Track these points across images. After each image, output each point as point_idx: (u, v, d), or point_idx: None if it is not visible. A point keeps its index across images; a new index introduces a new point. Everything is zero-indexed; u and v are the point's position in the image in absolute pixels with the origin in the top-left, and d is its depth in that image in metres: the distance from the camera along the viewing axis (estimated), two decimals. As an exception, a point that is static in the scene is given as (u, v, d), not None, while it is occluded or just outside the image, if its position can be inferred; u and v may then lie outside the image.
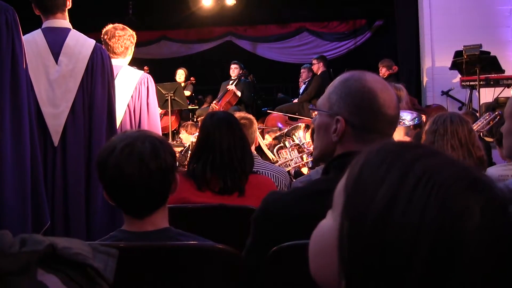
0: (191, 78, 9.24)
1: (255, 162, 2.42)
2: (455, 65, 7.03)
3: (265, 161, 3.25)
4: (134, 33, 3.50)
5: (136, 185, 1.49)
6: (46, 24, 2.77)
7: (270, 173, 2.72)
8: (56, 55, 2.70)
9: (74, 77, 2.69)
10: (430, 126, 2.67)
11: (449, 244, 0.57)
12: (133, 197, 1.51)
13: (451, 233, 0.57)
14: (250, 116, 2.99)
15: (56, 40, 2.72)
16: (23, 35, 2.73)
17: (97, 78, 2.73)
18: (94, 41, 2.85)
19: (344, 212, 0.65)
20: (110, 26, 3.45)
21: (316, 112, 1.51)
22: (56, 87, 2.66)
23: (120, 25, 3.48)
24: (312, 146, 3.66)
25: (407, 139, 3.80)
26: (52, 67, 2.68)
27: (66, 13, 2.80)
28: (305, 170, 4.34)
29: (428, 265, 0.57)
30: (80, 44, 2.75)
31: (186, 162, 3.48)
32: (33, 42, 2.70)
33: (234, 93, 8.30)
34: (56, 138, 2.64)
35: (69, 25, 2.79)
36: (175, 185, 1.59)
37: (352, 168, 0.68)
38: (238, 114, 2.84)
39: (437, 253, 0.57)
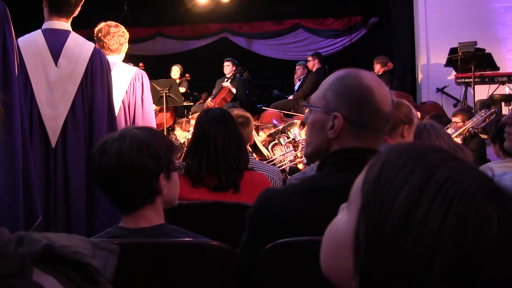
0: (186, 75, 9.24)
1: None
2: (450, 62, 7.04)
3: (259, 161, 3.24)
4: (125, 30, 3.50)
5: (117, 179, 1.51)
6: (47, 25, 2.73)
7: (263, 173, 2.71)
8: (55, 57, 2.68)
9: (73, 79, 2.67)
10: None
11: (469, 255, 0.56)
12: (117, 191, 1.54)
13: (471, 243, 0.56)
14: (248, 114, 2.98)
15: (56, 42, 2.70)
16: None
17: (97, 81, 2.72)
18: (93, 44, 2.83)
19: (362, 213, 0.63)
20: (102, 24, 3.44)
21: (307, 109, 1.50)
22: (55, 89, 2.64)
23: (113, 23, 3.47)
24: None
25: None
26: (52, 69, 2.66)
27: (70, 20, 2.78)
28: (301, 166, 4.34)
29: (446, 275, 0.56)
30: (80, 47, 2.73)
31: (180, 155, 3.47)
32: (34, 43, 2.68)
33: (229, 90, 8.30)
34: (53, 140, 2.63)
35: (70, 29, 2.77)
36: (172, 183, 1.58)
37: (370, 168, 0.66)
38: (236, 112, 2.83)
39: (456, 263, 0.56)
